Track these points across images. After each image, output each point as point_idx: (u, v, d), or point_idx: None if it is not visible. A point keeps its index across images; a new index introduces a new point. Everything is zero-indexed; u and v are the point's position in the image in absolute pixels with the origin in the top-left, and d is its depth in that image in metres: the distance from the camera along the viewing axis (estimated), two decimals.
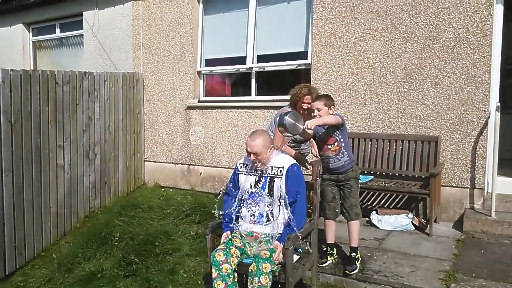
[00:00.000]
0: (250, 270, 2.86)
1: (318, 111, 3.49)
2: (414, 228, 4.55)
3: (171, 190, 6.42)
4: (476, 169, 4.59)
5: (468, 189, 4.64)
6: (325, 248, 3.78)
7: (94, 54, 7.40)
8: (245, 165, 3.30)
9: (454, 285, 3.25)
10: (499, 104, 4.36)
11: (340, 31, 5.22)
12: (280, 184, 3.12)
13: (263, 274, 2.80)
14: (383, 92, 5.02)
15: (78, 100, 5.46)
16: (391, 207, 5.01)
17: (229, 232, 3.19)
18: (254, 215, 3.16)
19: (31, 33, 8.52)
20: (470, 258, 3.74)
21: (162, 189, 6.45)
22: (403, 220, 4.56)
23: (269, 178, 3.16)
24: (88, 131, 5.63)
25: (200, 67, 6.48)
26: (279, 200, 3.13)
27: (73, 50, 8.05)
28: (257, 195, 3.16)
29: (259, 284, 2.78)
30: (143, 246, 4.33)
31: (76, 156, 5.42)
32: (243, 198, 3.24)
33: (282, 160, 3.20)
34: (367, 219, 4.83)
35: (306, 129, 3.27)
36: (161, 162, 6.79)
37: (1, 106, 4.38)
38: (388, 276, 3.47)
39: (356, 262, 3.60)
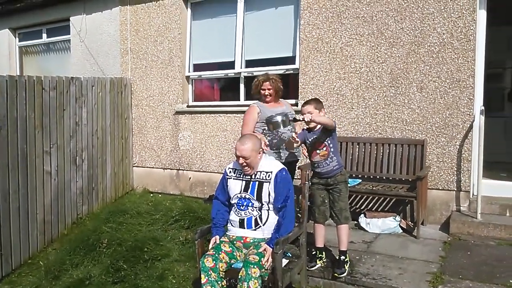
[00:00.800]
0: (239, 276, 2.86)
1: (310, 114, 3.51)
2: (401, 231, 4.59)
3: (160, 195, 6.39)
4: (462, 172, 4.66)
5: (454, 192, 4.71)
6: (314, 252, 3.80)
7: (81, 59, 7.36)
8: (234, 169, 3.31)
9: (441, 286, 3.29)
10: (483, 107, 4.44)
11: (327, 36, 5.28)
12: (268, 189, 3.13)
13: (252, 279, 2.80)
14: (370, 97, 5.08)
15: (65, 105, 5.42)
16: (379, 210, 5.06)
17: (217, 237, 3.19)
18: (243, 220, 3.17)
19: (17, 38, 8.44)
20: (456, 260, 3.79)
21: (151, 195, 6.42)
22: (390, 223, 4.60)
23: (257, 182, 3.17)
24: (75, 137, 5.59)
25: (189, 72, 6.48)
26: (267, 205, 3.15)
27: (60, 56, 7.99)
28: (245, 200, 3.17)
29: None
30: (131, 252, 4.30)
31: (63, 162, 5.37)
32: (232, 203, 3.25)
33: (270, 165, 3.22)
34: (355, 222, 4.86)
35: (301, 125, 3.51)
36: (149, 167, 6.76)
37: None
38: (376, 279, 3.50)
39: (345, 265, 3.62)
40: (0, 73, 4.64)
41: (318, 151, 3.58)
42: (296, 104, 5.51)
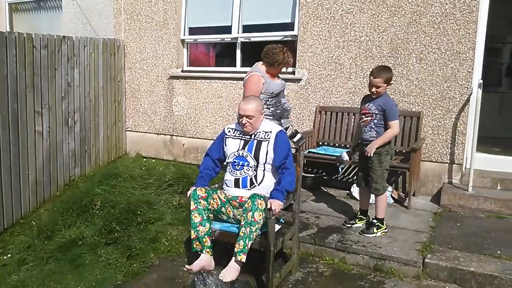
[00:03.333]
0: (244, 207, 2.88)
1: (377, 88, 3.57)
2: (393, 201, 4.64)
3: (153, 160, 6.36)
4: (456, 145, 4.68)
5: (447, 164, 4.74)
6: (357, 212, 4.03)
7: (74, 19, 7.13)
8: (233, 129, 3.35)
9: (430, 255, 3.35)
10: (481, 81, 4.41)
11: (327, 2, 5.14)
12: (267, 148, 3.16)
13: (258, 210, 2.82)
14: (368, 67, 5.00)
15: (57, 65, 5.28)
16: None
17: (198, 188, 3.08)
18: (238, 179, 3.18)
19: None
20: (446, 230, 3.85)
21: (144, 160, 6.39)
22: None
23: (256, 141, 3.21)
24: (67, 98, 5.48)
25: (184, 35, 6.32)
26: (264, 165, 3.17)
27: (52, 14, 7.73)
28: (241, 159, 3.19)
29: (252, 219, 2.80)
30: (124, 214, 4.30)
31: (55, 123, 5.28)
32: (228, 162, 3.26)
33: (270, 126, 3.29)
34: (347, 192, 4.91)
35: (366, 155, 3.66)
36: (143, 132, 6.70)
37: None
38: (367, 246, 3.55)
39: (375, 229, 3.75)
40: None
41: (363, 116, 3.72)
42: (293, 73, 5.44)
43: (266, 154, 3.16)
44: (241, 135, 3.28)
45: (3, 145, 4.52)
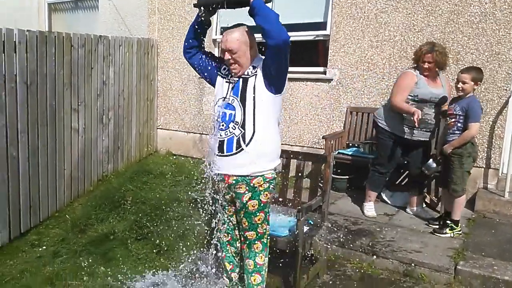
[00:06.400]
0: (242, 253, 2.79)
1: (463, 84, 3.56)
2: (425, 206, 4.53)
3: (182, 158, 6.45)
4: (493, 149, 4.52)
5: (483, 169, 4.58)
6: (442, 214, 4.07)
7: (109, 19, 7.33)
8: (226, 69, 2.66)
9: (463, 262, 3.25)
10: None
11: (361, 2, 5.07)
12: (254, 83, 2.51)
13: (258, 255, 2.72)
14: (402, 67, 4.90)
15: (93, 64, 5.44)
16: (403, 184, 4.98)
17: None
18: (222, 141, 2.56)
19: None
20: (480, 237, 3.73)
21: (174, 157, 6.49)
22: None
23: (242, 79, 2.54)
24: (102, 96, 5.63)
25: (216, 35, 6.37)
26: (253, 112, 2.50)
27: (88, 14, 7.98)
28: (229, 106, 2.55)
29: (257, 265, 2.71)
30: (154, 211, 4.39)
31: (90, 120, 5.44)
32: (215, 114, 2.65)
33: (260, 60, 2.57)
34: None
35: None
36: (173, 130, 6.80)
37: (17, 67, 4.37)
38: (397, 251, 3.49)
39: (448, 229, 3.73)
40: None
41: (447, 118, 3.73)
42: (325, 72, 5.39)
43: (254, 90, 2.48)
44: (230, 78, 2.61)
45: (41, 141, 4.69)
